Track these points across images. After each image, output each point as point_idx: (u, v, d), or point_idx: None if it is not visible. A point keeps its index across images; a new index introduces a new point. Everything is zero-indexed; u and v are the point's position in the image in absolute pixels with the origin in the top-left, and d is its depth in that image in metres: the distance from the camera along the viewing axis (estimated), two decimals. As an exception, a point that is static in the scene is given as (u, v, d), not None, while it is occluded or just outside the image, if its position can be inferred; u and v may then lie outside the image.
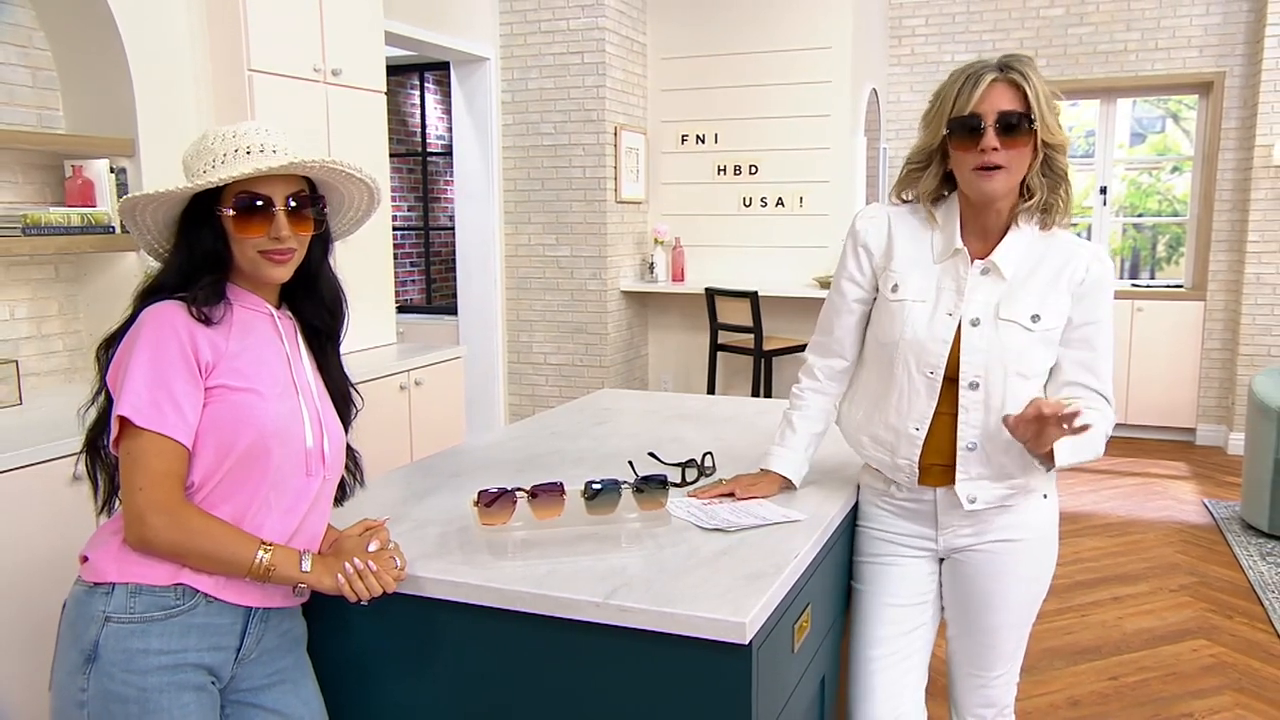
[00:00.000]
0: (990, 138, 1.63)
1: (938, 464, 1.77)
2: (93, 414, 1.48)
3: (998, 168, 1.65)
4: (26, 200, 3.02)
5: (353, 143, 3.89)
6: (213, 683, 1.44)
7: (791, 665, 1.59)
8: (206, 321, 1.41)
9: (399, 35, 4.98)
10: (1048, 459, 1.69)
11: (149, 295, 1.44)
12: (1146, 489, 5.34)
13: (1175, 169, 6.84)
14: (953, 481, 1.76)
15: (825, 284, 5.71)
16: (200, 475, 1.40)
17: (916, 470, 1.78)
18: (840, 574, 1.92)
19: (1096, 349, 1.74)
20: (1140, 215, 6.99)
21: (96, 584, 1.38)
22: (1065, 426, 1.55)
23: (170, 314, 1.39)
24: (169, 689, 1.37)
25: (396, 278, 6.66)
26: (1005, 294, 1.71)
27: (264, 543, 1.40)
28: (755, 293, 5.44)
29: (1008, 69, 1.65)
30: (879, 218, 1.83)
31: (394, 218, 6.63)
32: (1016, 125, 1.63)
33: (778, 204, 6.13)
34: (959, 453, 1.74)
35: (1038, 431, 1.60)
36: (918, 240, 1.79)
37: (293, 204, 1.45)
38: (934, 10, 6.70)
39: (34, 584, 2.36)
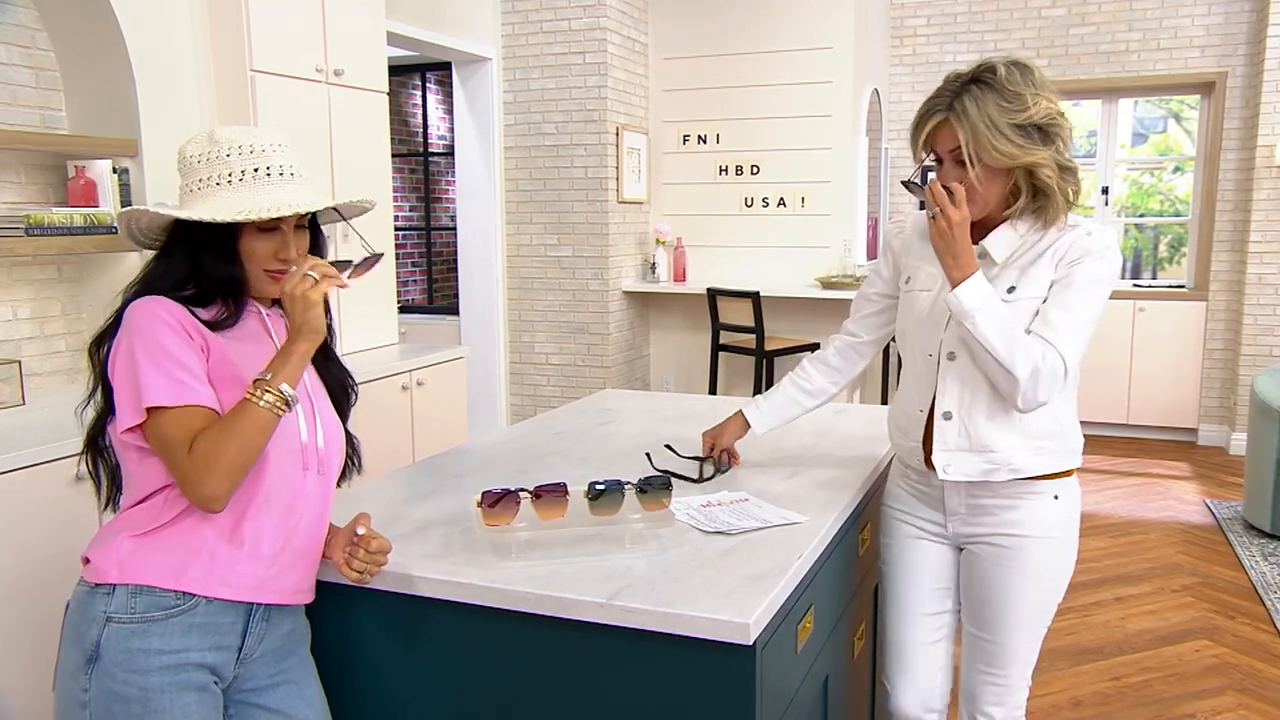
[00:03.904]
0: (947, 172, 1.74)
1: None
2: (91, 412, 1.47)
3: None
4: (29, 201, 3.02)
5: (355, 143, 3.89)
6: (215, 683, 1.44)
7: (795, 666, 1.59)
8: (211, 325, 1.42)
9: (401, 35, 4.98)
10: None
11: (144, 294, 1.43)
12: (1149, 489, 5.34)
13: (1177, 169, 6.83)
14: None
15: (827, 284, 5.71)
16: None
17: (922, 452, 1.86)
18: (844, 575, 1.92)
19: (1062, 303, 1.72)
20: (1142, 215, 6.99)
21: (98, 585, 1.38)
22: None
23: (155, 306, 1.38)
24: (171, 689, 1.37)
25: (398, 278, 6.66)
26: (994, 276, 1.78)
27: (251, 390, 1.35)
28: (757, 293, 5.44)
29: (949, 108, 1.70)
30: (904, 223, 2.02)
31: (396, 218, 6.62)
32: (964, 163, 1.71)
33: (779, 204, 6.13)
34: (935, 422, 1.81)
35: None
36: (928, 240, 1.87)
37: (298, 225, 1.49)
38: (936, 10, 6.70)
39: (37, 585, 2.37)
